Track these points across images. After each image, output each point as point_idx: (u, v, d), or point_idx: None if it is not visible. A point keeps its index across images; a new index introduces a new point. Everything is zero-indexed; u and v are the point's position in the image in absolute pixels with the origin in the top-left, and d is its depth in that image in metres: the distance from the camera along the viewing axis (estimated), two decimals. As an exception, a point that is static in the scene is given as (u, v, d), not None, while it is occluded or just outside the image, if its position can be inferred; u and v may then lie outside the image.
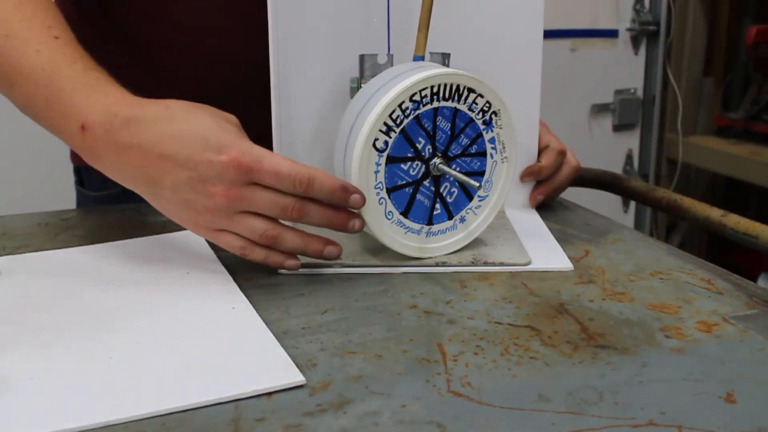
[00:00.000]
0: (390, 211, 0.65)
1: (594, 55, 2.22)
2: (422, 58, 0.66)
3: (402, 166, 0.64)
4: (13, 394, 0.46)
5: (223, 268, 0.65)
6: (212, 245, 0.70)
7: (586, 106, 2.26)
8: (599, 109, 2.28)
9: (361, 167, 0.62)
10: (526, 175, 0.80)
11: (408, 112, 0.62)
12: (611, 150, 2.33)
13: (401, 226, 0.65)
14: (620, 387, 0.47)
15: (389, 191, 0.64)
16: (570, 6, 2.15)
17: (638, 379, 0.48)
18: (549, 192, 0.81)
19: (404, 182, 0.64)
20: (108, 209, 0.83)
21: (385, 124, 0.62)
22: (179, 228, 0.67)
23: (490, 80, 0.64)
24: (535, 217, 0.79)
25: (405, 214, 0.65)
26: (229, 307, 0.58)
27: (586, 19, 2.20)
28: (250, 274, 0.64)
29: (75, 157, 0.86)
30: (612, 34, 2.24)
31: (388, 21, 0.70)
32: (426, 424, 0.43)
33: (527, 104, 0.79)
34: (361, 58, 0.68)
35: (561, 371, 0.49)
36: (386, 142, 0.62)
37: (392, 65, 0.67)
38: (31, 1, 0.66)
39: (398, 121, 0.62)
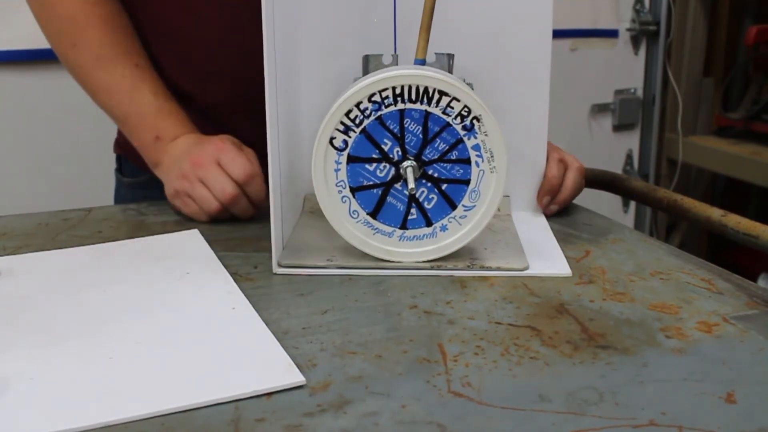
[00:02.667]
0: (355, 211, 0.65)
1: (594, 55, 2.22)
2: (423, 62, 0.65)
3: (367, 166, 0.64)
4: (13, 394, 0.46)
5: (223, 268, 0.65)
6: (212, 245, 0.70)
7: (586, 106, 2.26)
8: (599, 109, 2.27)
9: (317, 164, 0.63)
10: (543, 195, 0.80)
11: (368, 112, 0.63)
12: (611, 150, 2.32)
13: (369, 227, 0.65)
14: (621, 387, 0.47)
15: (353, 190, 0.64)
16: (570, 6, 2.14)
17: (639, 379, 0.48)
18: (562, 201, 0.81)
19: (371, 183, 0.64)
20: (108, 209, 0.83)
21: (342, 123, 0.63)
22: (179, 228, 0.67)
23: (496, 84, 0.64)
24: (540, 219, 0.79)
25: (374, 215, 0.65)
26: (230, 308, 0.58)
27: (586, 19, 2.19)
28: (251, 274, 0.64)
29: (118, 147, 1.00)
30: (612, 34, 2.23)
31: (394, 21, 0.70)
32: (426, 424, 0.43)
33: (534, 111, 0.78)
34: (365, 58, 0.68)
35: (561, 371, 0.49)
36: (345, 141, 0.63)
37: (397, 65, 0.67)
38: (116, 29, 0.84)
39: (357, 121, 0.63)
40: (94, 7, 0.83)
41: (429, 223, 0.66)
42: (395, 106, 0.63)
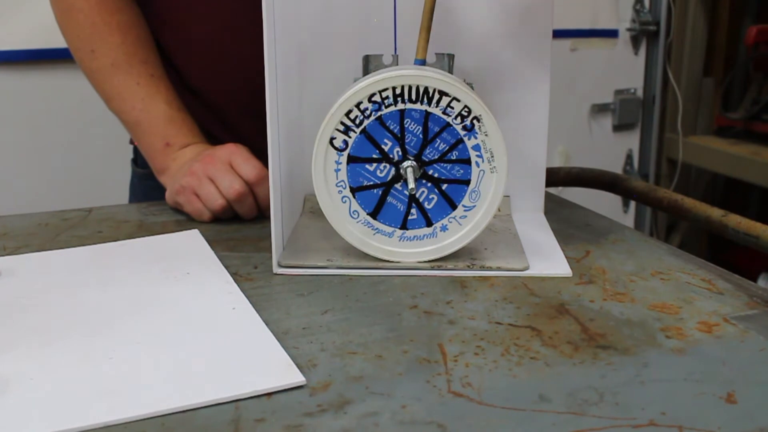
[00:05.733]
0: (355, 211, 0.65)
1: (594, 55, 2.22)
2: (423, 62, 0.65)
3: (367, 166, 0.64)
4: (13, 394, 0.46)
5: (223, 269, 0.65)
6: (212, 245, 0.70)
7: (586, 106, 2.26)
8: (599, 109, 2.27)
9: (317, 164, 0.63)
10: None
11: (368, 112, 0.62)
12: (611, 150, 2.32)
13: (369, 227, 0.65)
14: (621, 387, 0.47)
15: (353, 190, 0.64)
16: (570, 6, 2.14)
17: (639, 379, 0.48)
18: None
19: (371, 183, 0.64)
20: (108, 209, 0.83)
21: (342, 123, 0.63)
22: (179, 228, 0.67)
23: (496, 84, 0.63)
24: (540, 219, 0.79)
25: (374, 215, 0.65)
26: (230, 308, 0.58)
27: (586, 19, 2.19)
28: (251, 274, 0.64)
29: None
30: (612, 34, 2.23)
31: (394, 22, 0.70)
32: (426, 424, 0.43)
33: (534, 111, 0.78)
34: (366, 58, 0.68)
35: (561, 371, 0.49)
36: (345, 142, 0.63)
37: (397, 65, 0.67)
38: (134, 38, 0.86)
39: (357, 121, 0.63)
40: (114, 16, 0.85)
41: (429, 224, 0.66)
42: (395, 106, 0.63)
